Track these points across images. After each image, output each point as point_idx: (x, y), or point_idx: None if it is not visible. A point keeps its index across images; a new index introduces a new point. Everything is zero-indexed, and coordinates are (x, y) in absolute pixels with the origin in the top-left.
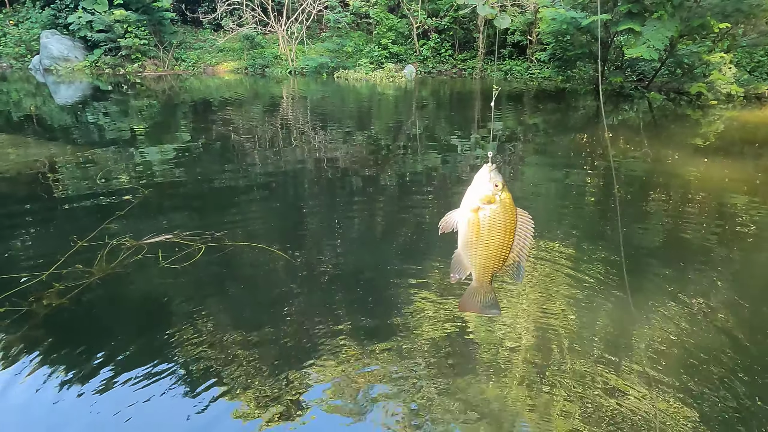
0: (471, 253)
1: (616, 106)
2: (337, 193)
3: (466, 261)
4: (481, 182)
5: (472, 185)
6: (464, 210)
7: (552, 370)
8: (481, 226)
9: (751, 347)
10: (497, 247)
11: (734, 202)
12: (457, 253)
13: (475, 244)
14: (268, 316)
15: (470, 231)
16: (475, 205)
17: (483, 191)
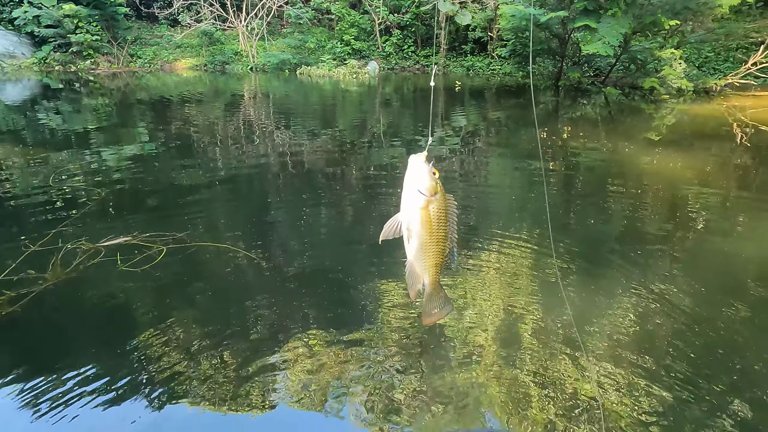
0: (426, 255)
1: (575, 101)
2: (303, 190)
3: (419, 268)
4: (423, 174)
5: (413, 180)
6: (412, 210)
7: (517, 359)
8: (433, 221)
9: (702, 332)
10: (445, 238)
11: (687, 190)
12: (410, 264)
13: (430, 243)
14: (233, 316)
15: (424, 230)
16: (423, 201)
17: (428, 183)
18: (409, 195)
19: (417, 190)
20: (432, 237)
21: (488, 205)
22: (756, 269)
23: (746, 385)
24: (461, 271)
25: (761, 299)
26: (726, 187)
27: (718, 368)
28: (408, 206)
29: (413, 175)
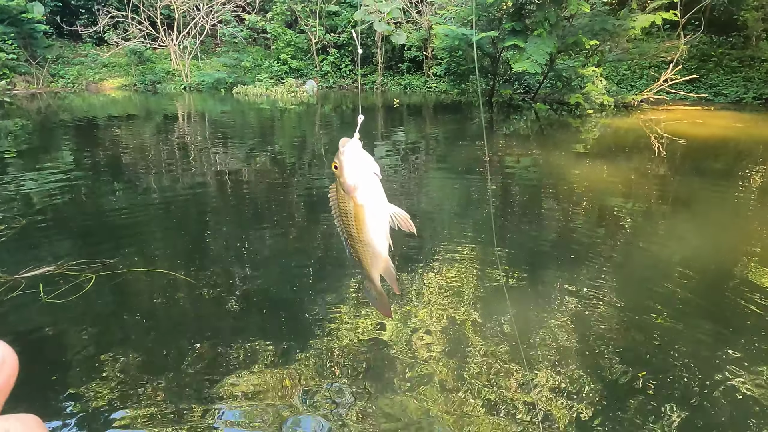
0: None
1: (508, 116)
2: (242, 212)
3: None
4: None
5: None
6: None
7: (463, 371)
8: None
9: (632, 332)
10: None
11: (613, 198)
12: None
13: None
14: (171, 345)
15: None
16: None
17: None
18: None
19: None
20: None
21: (430, 219)
22: (677, 269)
23: (674, 382)
24: (406, 283)
25: (683, 298)
26: (647, 194)
27: (649, 366)
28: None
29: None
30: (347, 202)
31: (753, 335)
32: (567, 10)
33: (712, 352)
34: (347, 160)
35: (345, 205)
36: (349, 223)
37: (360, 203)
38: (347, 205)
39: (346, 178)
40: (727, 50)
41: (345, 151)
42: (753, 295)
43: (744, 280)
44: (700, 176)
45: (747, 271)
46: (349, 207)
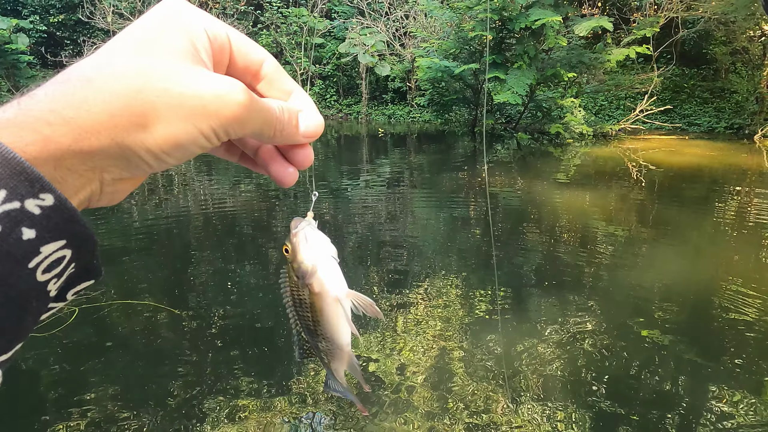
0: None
1: (490, 146)
2: (226, 241)
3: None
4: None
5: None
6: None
7: (448, 399)
8: None
9: (615, 357)
10: None
11: (595, 226)
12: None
13: None
14: (155, 378)
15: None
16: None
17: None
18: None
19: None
20: None
21: (415, 247)
22: (659, 294)
23: (659, 405)
24: (393, 311)
25: (665, 322)
26: (627, 221)
27: (633, 390)
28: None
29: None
30: (301, 290)
31: (734, 357)
32: (545, 43)
33: (696, 374)
34: (302, 243)
35: (299, 293)
36: (305, 315)
37: (317, 291)
38: (302, 294)
39: (301, 263)
40: (698, 82)
41: (298, 233)
42: (732, 318)
43: (723, 303)
44: (678, 203)
45: (725, 294)
46: (304, 296)
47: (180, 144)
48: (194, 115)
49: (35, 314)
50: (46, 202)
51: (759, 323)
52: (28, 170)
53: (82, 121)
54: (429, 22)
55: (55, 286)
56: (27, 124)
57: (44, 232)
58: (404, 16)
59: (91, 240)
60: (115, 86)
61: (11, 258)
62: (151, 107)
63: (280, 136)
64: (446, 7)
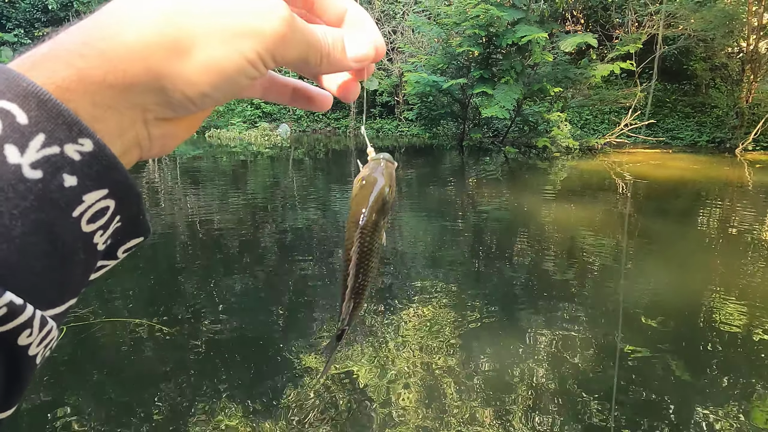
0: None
1: (478, 159)
2: (214, 256)
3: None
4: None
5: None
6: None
7: (439, 412)
8: None
9: (604, 372)
10: None
11: (582, 238)
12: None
13: None
14: (140, 398)
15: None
16: None
17: None
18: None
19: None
20: None
21: (404, 260)
22: (645, 306)
23: (647, 418)
24: (381, 325)
25: (652, 334)
26: (614, 232)
27: (621, 402)
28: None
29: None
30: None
31: (721, 369)
32: (531, 59)
33: (683, 386)
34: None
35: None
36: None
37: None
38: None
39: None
40: (680, 97)
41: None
42: (718, 329)
43: (708, 314)
44: (662, 215)
45: (711, 305)
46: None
47: (223, 72)
48: (235, 36)
49: (84, 268)
50: (85, 147)
51: (745, 334)
52: (65, 113)
53: (114, 52)
54: (417, 37)
55: (102, 239)
56: (60, 58)
57: (86, 180)
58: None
59: (134, 191)
60: (149, 13)
61: (55, 206)
62: (187, 32)
63: (327, 62)
64: (434, 23)
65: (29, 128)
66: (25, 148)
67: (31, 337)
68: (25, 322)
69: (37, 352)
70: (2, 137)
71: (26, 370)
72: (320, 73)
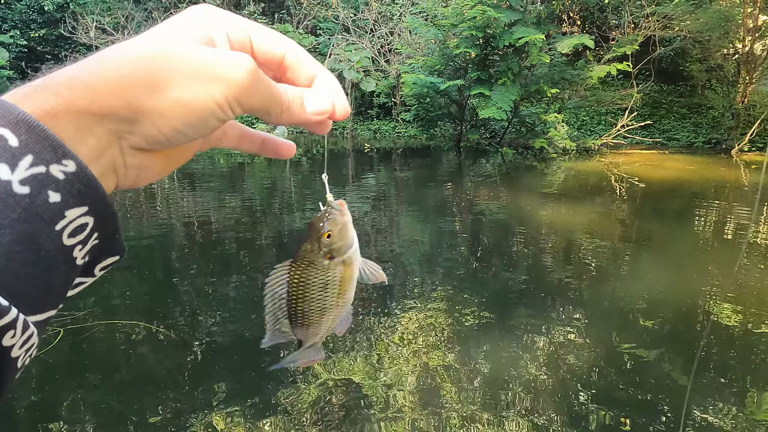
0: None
1: (475, 161)
2: (211, 258)
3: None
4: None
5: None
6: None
7: (436, 414)
8: None
9: (601, 370)
10: None
11: (579, 238)
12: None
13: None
14: (141, 399)
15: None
16: None
17: None
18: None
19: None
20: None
21: (401, 261)
22: (642, 306)
23: (645, 416)
24: (378, 327)
25: (649, 334)
26: (611, 233)
27: (620, 401)
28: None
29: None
30: (332, 270)
31: (717, 368)
32: (528, 60)
33: (680, 385)
34: (348, 221)
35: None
36: (329, 295)
37: (352, 261)
38: (330, 275)
39: (351, 237)
40: (675, 98)
41: (343, 211)
42: (714, 329)
43: (705, 315)
44: (659, 216)
45: (707, 306)
46: (333, 275)
47: (192, 110)
48: (206, 80)
49: (64, 280)
50: (68, 168)
51: (740, 334)
52: (51, 137)
53: (98, 84)
54: (414, 38)
55: (81, 253)
56: (50, 89)
57: (68, 197)
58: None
59: (111, 210)
60: (133, 55)
61: (40, 218)
62: (165, 72)
63: (286, 114)
64: (431, 24)
65: (19, 150)
66: (15, 167)
67: (14, 339)
68: (9, 323)
69: (19, 355)
70: None
71: (9, 371)
72: (280, 122)
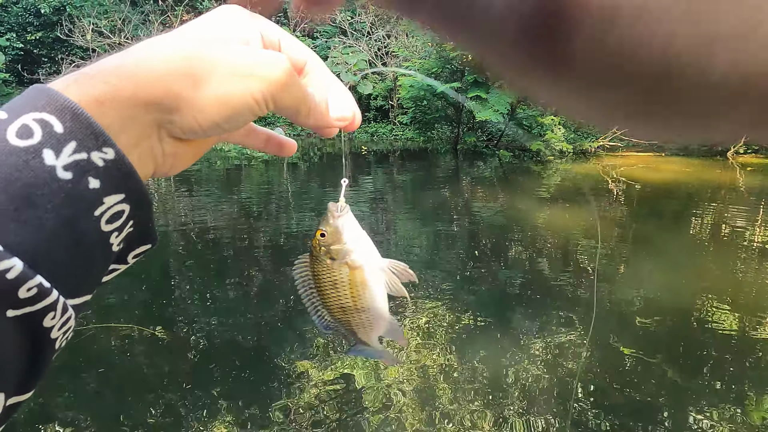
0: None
1: (472, 163)
2: (207, 260)
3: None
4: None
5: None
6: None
7: (434, 418)
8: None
9: (598, 373)
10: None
11: (576, 242)
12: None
13: None
14: (138, 403)
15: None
16: None
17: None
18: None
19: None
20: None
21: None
22: (640, 309)
23: (643, 419)
24: None
25: (647, 336)
26: (608, 236)
27: (617, 404)
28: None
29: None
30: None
31: (714, 371)
32: None
33: (678, 387)
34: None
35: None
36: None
37: (358, 266)
38: (337, 275)
39: (345, 241)
40: None
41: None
42: (711, 331)
43: (702, 316)
44: (656, 218)
45: (704, 307)
46: (340, 276)
47: (231, 104)
48: (245, 76)
49: (101, 266)
50: (108, 155)
51: (737, 336)
52: (93, 125)
53: (143, 74)
54: (410, 41)
55: (117, 240)
56: (99, 76)
57: (107, 184)
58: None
59: (147, 199)
60: (176, 49)
61: (81, 203)
62: (206, 66)
63: (312, 116)
64: None
65: (64, 136)
66: (59, 153)
67: (54, 320)
68: (50, 304)
69: (57, 336)
70: (42, 143)
71: (49, 351)
72: (306, 124)
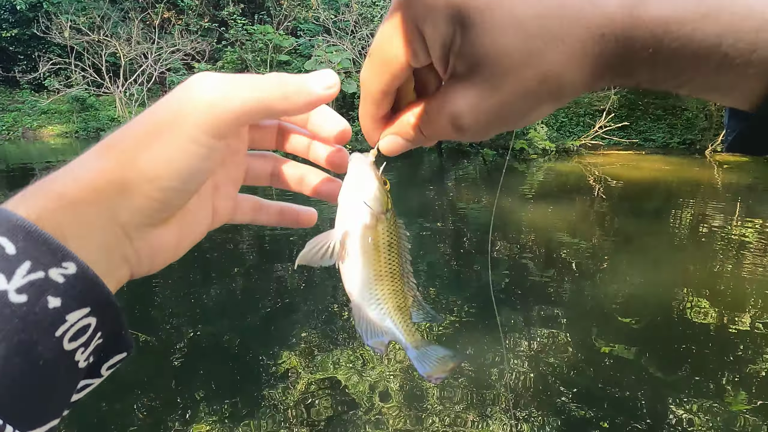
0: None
1: (457, 162)
2: (191, 261)
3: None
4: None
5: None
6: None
7: (420, 416)
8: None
9: (582, 369)
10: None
11: (559, 239)
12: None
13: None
14: (122, 405)
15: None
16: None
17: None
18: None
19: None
20: (385, 269)
21: None
22: (621, 306)
23: (625, 413)
24: None
25: (629, 332)
26: (591, 233)
27: (601, 399)
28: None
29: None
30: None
31: (694, 366)
32: None
33: (659, 382)
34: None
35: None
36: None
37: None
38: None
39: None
40: (651, 99)
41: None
42: (691, 327)
43: (682, 312)
44: (637, 215)
45: (684, 303)
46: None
47: (171, 159)
48: (173, 125)
49: (66, 386)
50: (69, 270)
51: (716, 332)
52: (49, 241)
53: (82, 173)
54: None
55: (83, 356)
56: (44, 188)
57: (69, 300)
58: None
59: (114, 307)
60: (96, 156)
61: (38, 327)
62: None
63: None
64: None
65: (16, 257)
66: (11, 275)
67: None
68: None
69: None
70: None
71: None
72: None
